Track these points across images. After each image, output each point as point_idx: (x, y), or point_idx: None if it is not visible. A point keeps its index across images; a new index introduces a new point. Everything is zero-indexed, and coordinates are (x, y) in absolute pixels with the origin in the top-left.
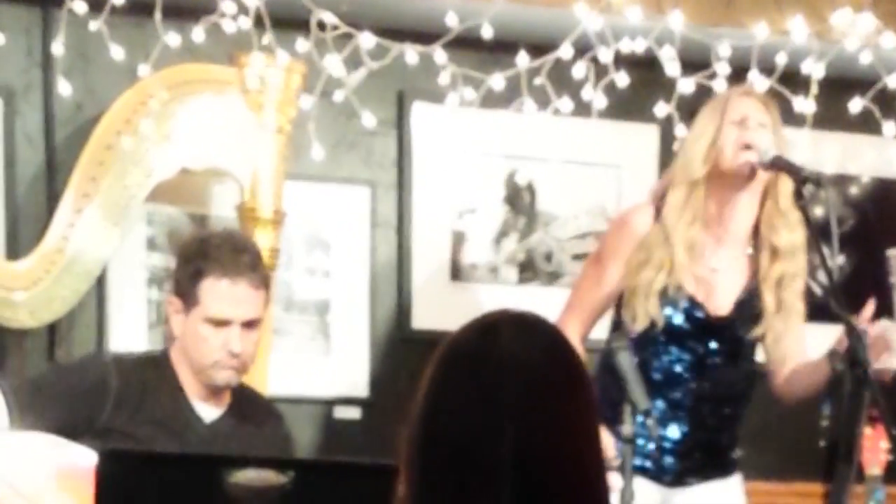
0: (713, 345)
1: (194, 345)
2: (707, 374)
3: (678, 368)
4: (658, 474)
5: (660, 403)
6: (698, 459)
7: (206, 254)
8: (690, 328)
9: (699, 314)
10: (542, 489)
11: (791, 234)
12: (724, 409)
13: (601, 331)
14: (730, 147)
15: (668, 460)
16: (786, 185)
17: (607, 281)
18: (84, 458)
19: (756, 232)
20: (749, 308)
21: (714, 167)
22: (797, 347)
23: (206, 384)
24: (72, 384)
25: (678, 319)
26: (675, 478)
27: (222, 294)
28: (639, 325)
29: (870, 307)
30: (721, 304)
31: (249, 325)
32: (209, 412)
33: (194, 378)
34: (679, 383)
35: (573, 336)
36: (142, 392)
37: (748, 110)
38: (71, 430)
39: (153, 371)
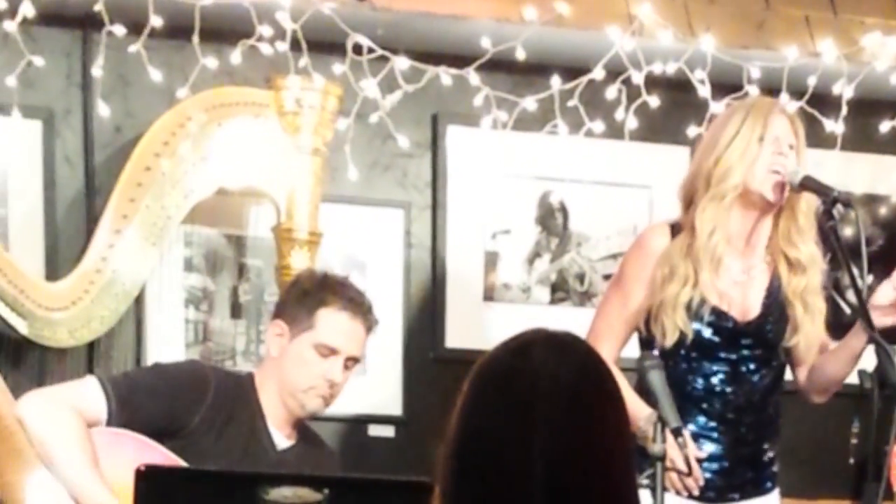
0: (745, 352)
1: (294, 367)
2: (743, 383)
3: (714, 381)
4: (699, 491)
5: (701, 419)
6: (741, 475)
7: (332, 287)
8: (720, 340)
9: (727, 324)
10: None
11: (808, 246)
12: (762, 419)
13: (631, 349)
14: (763, 169)
15: (711, 476)
16: (805, 202)
17: (630, 303)
18: (168, 462)
19: (769, 242)
20: (776, 307)
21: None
22: (823, 343)
23: (293, 409)
24: (174, 379)
25: (707, 333)
26: (718, 494)
27: (340, 325)
28: (669, 340)
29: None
30: (748, 308)
31: (350, 362)
32: (282, 441)
33: (278, 403)
34: (716, 395)
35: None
36: (232, 403)
37: (781, 131)
38: (166, 426)
39: (240, 389)
